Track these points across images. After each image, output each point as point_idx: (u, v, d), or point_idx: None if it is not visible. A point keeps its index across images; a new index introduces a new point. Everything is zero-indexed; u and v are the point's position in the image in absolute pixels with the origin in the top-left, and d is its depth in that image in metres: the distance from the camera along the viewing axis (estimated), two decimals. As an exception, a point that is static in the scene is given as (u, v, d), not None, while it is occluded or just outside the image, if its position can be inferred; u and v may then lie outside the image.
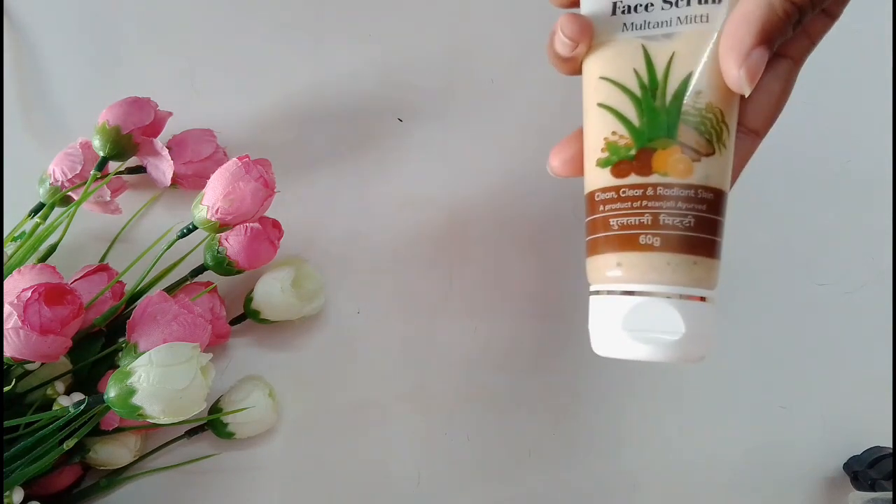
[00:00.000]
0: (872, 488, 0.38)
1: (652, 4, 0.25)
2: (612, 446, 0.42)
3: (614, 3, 0.25)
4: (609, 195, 0.25)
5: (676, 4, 0.25)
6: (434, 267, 0.43)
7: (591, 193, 0.26)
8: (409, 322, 0.42)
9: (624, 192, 0.25)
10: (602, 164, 0.26)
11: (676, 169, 0.24)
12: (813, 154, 0.44)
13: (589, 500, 0.41)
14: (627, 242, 0.25)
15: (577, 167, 0.27)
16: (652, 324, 0.24)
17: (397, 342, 0.42)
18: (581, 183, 0.28)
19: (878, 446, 0.41)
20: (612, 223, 0.25)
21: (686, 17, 0.25)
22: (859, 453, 0.41)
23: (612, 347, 0.25)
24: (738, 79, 0.23)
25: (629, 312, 0.25)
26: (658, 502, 0.42)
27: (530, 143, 0.44)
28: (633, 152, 0.25)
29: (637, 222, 0.25)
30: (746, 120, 0.26)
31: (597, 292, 0.26)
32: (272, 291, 0.39)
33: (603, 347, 0.26)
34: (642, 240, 0.24)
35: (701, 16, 0.25)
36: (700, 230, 0.25)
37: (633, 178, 0.25)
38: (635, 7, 0.25)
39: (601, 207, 0.26)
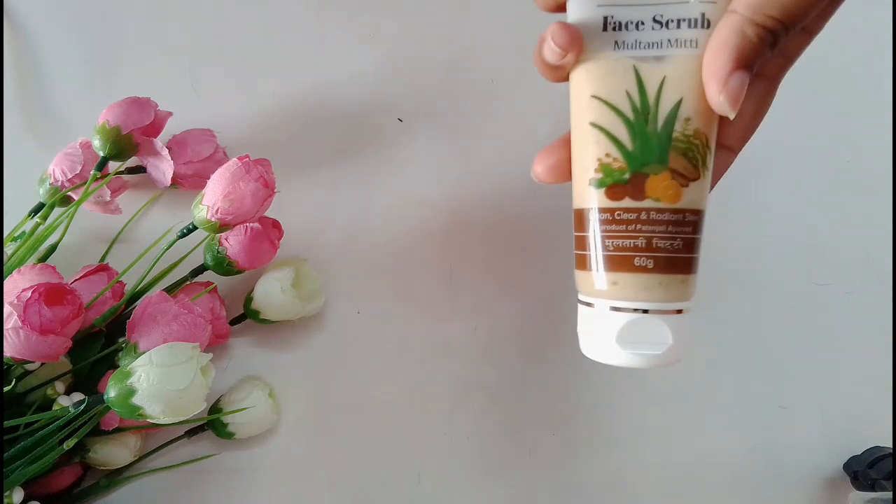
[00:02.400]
0: (872, 488, 0.38)
1: (643, 23, 0.26)
2: (612, 446, 0.42)
3: (605, 18, 0.26)
4: (604, 216, 0.26)
5: (667, 26, 0.25)
6: (434, 267, 0.43)
7: (584, 210, 0.27)
8: (409, 322, 0.42)
9: (619, 214, 0.26)
10: (596, 184, 0.26)
11: (667, 195, 0.26)
12: (813, 154, 0.44)
13: (588, 500, 0.41)
14: (622, 263, 0.26)
15: (562, 174, 0.28)
16: (643, 337, 0.26)
17: (397, 342, 0.42)
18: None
19: (878, 446, 0.41)
20: (607, 243, 0.26)
21: (676, 40, 0.25)
22: (859, 453, 0.41)
23: (602, 355, 0.27)
24: (721, 103, 0.24)
25: (623, 328, 0.26)
26: (658, 502, 0.42)
27: (530, 142, 0.43)
28: (626, 176, 0.26)
29: (632, 245, 0.26)
30: (722, 138, 0.27)
31: (588, 303, 0.28)
32: (272, 291, 0.39)
33: (592, 352, 0.28)
34: (637, 262, 0.26)
35: (690, 40, 0.25)
36: (687, 251, 0.26)
37: (628, 202, 0.26)
38: (626, 24, 0.26)
39: (594, 227, 0.27)
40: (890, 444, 0.41)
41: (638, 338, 0.26)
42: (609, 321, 0.26)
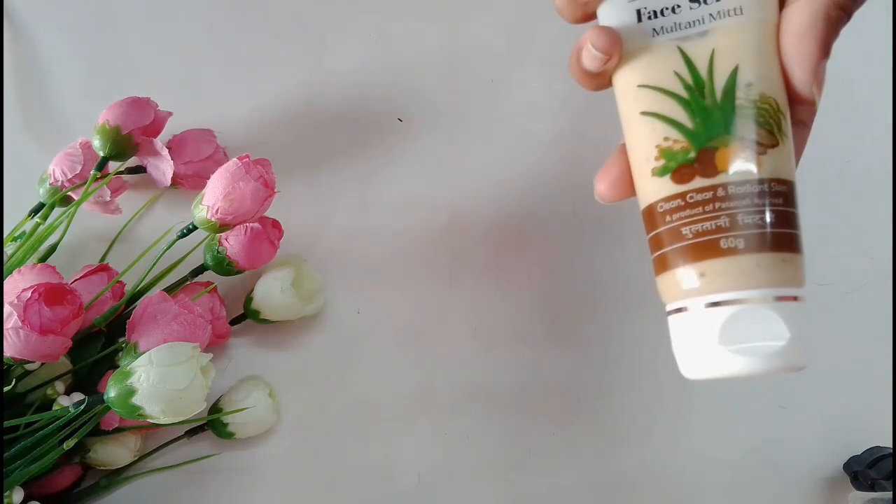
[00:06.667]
0: (872, 488, 0.38)
1: (679, 6, 0.24)
2: (612, 446, 0.42)
3: (638, 11, 0.25)
4: (674, 203, 0.24)
5: (705, 1, 0.24)
6: (434, 267, 0.43)
7: (652, 206, 0.25)
8: (409, 322, 0.42)
9: (691, 197, 0.23)
10: (659, 172, 0.24)
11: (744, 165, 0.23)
12: (813, 154, 0.44)
13: (589, 500, 0.41)
14: (707, 249, 0.23)
15: (627, 187, 0.26)
16: (752, 333, 0.22)
17: (397, 342, 0.42)
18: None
19: (878, 446, 0.41)
20: (683, 232, 0.23)
21: (718, 12, 0.24)
22: (859, 453, 0.41)
23: (709, 367, 0.23)
24: (812, 93, 0.24)
25: (725, 324, 0.23)
26: (658, 502, 0.42)
27: (530, 143, 0.44)
28: (692, 155, 0.24)
29: (714, 226, 0.23)
30: (792, 112, 0.26)
31: (678, 310, 0.24)
32: (272, 291, 0.39)
33: (696, 370, 0.24)
34: (724, 243, 0.23)
35: (734, 9, 0.24)
36: (781, 225, 0.23)
37: (699, 182, 0.23)
38: (661, 11, 0.24)
39: (667, 218, 0.24)
40: (890, 444, 0.41)
41: (746, 335, 0.22)
42: (706, 322, 0.23)
